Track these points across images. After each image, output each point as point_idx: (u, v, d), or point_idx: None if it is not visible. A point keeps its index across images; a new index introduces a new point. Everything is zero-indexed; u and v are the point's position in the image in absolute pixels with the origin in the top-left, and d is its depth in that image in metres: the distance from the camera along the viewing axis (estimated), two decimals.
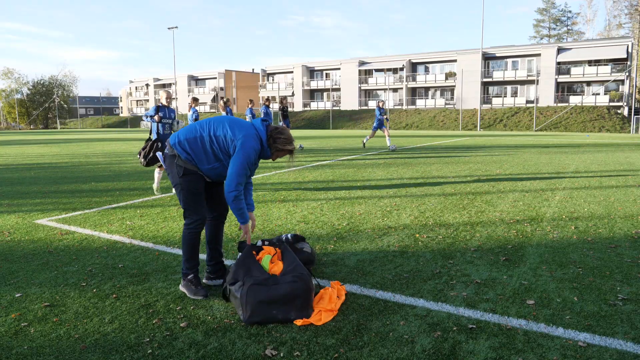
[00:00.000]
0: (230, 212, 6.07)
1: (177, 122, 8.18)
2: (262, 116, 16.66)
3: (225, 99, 13.94)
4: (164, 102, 7.93)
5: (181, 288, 3.52)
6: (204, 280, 3.73)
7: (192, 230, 3.47)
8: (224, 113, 14.03)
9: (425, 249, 4.59)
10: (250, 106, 15.13)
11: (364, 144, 18.54)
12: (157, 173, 7.88)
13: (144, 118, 8.00)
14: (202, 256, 4.32)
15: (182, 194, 3.42)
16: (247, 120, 14.39)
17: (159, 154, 3.64)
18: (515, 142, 22.16)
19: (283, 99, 17.22)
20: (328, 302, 3.18)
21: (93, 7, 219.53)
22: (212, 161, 3.40)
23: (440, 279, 3.78)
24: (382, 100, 18.06)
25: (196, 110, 14.43)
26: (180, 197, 3.45)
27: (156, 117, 7.71)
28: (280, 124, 17.31)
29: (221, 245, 3.76)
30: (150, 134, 7.81)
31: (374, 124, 17.66)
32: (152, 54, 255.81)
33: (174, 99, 74.73)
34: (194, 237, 3.48)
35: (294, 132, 39.46)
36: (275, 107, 54.13)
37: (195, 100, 12.90)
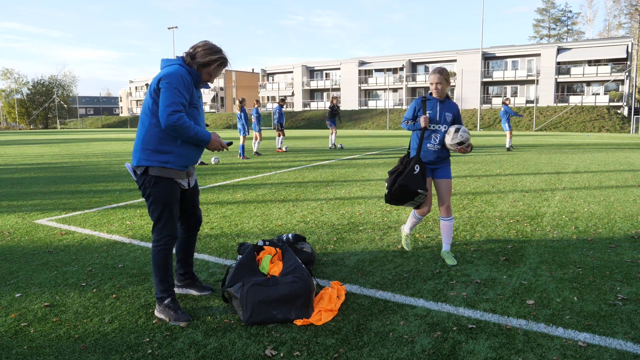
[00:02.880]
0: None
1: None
2: (276, 116, 17.13)
3: (240, 99, 14.01)
4: None
5: (157, 314, 3.11)
6: (175, 288, 3.45)
7: (162, 247, 3.10)
8: (239, 113, 14.08)
9: (425, 249, 4.59)
10: (256, 106, 15.18)
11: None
12: None
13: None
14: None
15: (154, 205, 3.06)
16: (254, 121, 14.18)
17: (127, 165, 3.22)
18: (515, 142, 22.15)
19: (334, 99, 17.61)
20: (328, 302, 3.17)
21: (93, 7, 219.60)
22: (172, 141, 3.03)
23: (440, 279, 3.78)
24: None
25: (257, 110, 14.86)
26: (152, 209, 3.08)
27: None
28: (328, 123, 17.81)
29: (192, 257, 3.50)
30: None
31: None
32: (152, 54, 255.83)
33: None
34: (163, 256, 3.11)
35: (297, 132, 39.47)
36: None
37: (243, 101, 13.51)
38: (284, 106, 16.82)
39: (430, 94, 4.22)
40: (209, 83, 3.20)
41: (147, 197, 3.09)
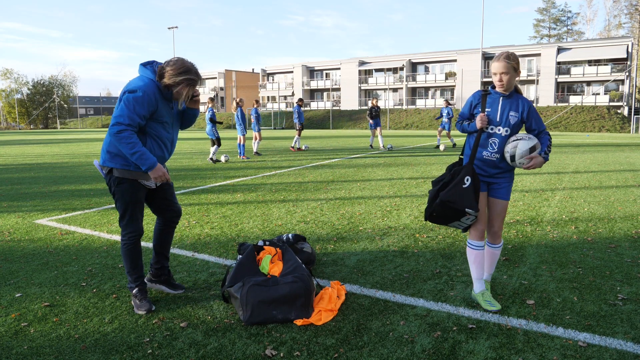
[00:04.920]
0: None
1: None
2: (296, 116, 17.44)
3: (238, 99, 14.01)
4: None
5: (132, 301, 3.34)
6: (145, 279, 3.47)
7: (127, 242, 3.24)
8: (235, 113, 14.08)
9: (425, 249, 4.59)
10: (255, 106, 15.19)
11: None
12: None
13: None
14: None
15: (119, 203, 3.19)
16: (253, 121, 14.41)
17: (95, 162, 3.28)
18: None
19: (374, 100, 17.83)
20: (328, 302, 3.18)
21: (92, 7, 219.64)
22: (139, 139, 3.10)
23: (440, 279, 3.77)
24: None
25: (256, 110, 15.01)
26: (117, 207, 3.22)
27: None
28: (371, 123, 18.09)
29: (168, 251, 3.55)
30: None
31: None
32: (152, 54, 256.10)
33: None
34: (130, 249, 3.24)
35: (302, 133, 39.42)
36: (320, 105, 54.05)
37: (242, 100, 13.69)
38: (302, 105, 17.27)
39: (493, 86, 3.28)
40: (182, 100, 3.18)
41: (112, 195, 3.22)
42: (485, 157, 3.23)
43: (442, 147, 17.01)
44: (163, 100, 3.10)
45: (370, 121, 18.12)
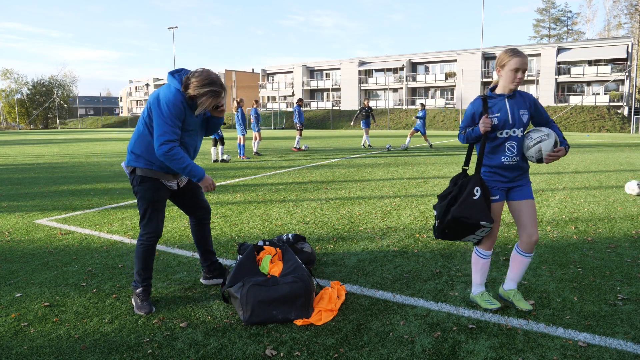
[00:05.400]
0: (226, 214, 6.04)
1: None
2: (296, 116, 17.56)
3: (238, 99, 14.02)
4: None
5: (132, 299, 3.37)
6: (201, 280, 3.70)
7: (144, 242, 3.26)
8: (236, 114, 14.09)
9: (425, 249, 4.59)
10: (255, 106, 15.19)
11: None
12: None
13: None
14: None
15: (140, 202, 3.24)
16: (252, 121, 14.58)
17: (122, 164, 3.39)
18: None
19: (366, 100, 18.27)
20: (328, 302, 3.18)
21: (92, 7, 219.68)
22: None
23: (440, 279, 3.77)
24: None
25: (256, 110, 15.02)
26: (138, 206, 3.27)
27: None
28: (363, 123, 18.33)
29: (211, 245, 3.68)
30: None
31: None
32: (152, 54, 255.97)
33: None
34: (145, 250, 3.27)
35: (302, 133, 39.39)
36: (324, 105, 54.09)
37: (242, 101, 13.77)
38: (302, 105, 17.55)
39: (492, 89, 3.12)
40: (205, 110, 3.20)
41: (135, 194, 3.28)
42: (505, 162, 3.05)
43: (402, 146, 17.53)
44: (189, 109, 3.17)
45: (359, 122, 18.48)
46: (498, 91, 3.08)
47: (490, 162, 3.09)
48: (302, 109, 17.24)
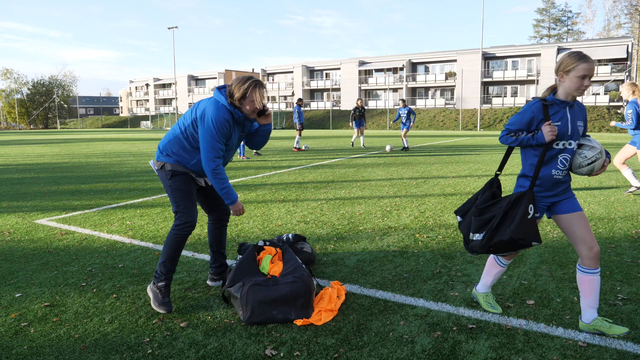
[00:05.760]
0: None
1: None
2: (296, 116, 17.61)
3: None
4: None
5: (148, 291, 3.33)
6: (208, 282, 3.72)
7: (180, 232, 3.28)
8: None
9: (425, 249, 4.59)
10: None
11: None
12: None
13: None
14: (202, 257, 4.31)
15: (173, 194, 3.29)
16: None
17: (151, 162, 3.49)
18: None
19: (359, 100, 18.18)
20: (328, 302, 3.18)
21: (92, 7, 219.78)
22: (196, 153, 3.27)
23: (440, 279, 3.77)
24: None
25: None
26: (172, 198, 3.32)
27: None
28: (355, 123, 18.42)
29: (224, 248, 3.74)
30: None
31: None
32: (152, 54, 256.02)
33: (173, 99, 74.86)
34: (180, 239, 3.29)
35: (302, 133, 39.41)
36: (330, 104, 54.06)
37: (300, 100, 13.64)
38: (302, 105, 17.59)
39: (554, 93, 2.87)
40: (257, 107, 3.22)
41: (167, 189, 3.33)
42: (555, 176, 2.82)
43: (387, 148, 17.06)
44: (235, 124, 3.26)
45: (351, 122, 18.49)
46: (560, 97, 2.83)
47: (539, 175, 2.84)
48: (302, 108, 17.22)
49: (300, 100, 17.51)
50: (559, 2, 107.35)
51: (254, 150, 15.46)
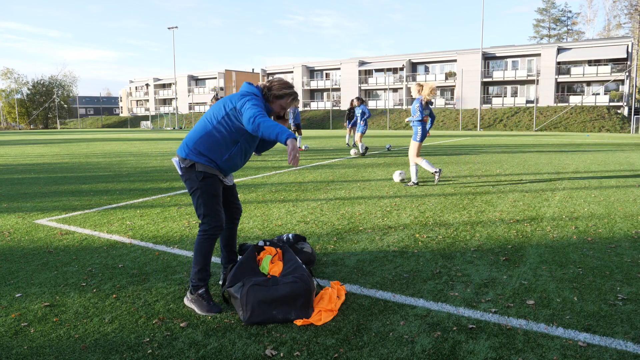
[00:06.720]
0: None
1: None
2: (291, 116, 17.24)
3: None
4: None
5: (188, 303, 3.27)
6: (220, 282, 3.71)
7: (210, 236, 3.26)
8: None
9: (425, 249, 4.59)
10: None
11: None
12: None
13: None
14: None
15: (202, 198, 3.23)
16: None
17: (174, 160, 3.40)
18: (515, 142, 22.15)
19: (353, 100, 17.31)
20: (328, 302, 3.18)
21: (91, 7, 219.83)
22: (230, 146, 3.22)
23: (440, 279, 3.77)
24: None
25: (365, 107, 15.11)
26: (200, 202, 3.24)
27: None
28: (348, 123, 17.94)
29: (235, 245, 3.74)
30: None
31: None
32: (152, 54, 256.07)
33: (173, 99, 74.82)
34: (210, 243, 3.27)
35: (302, 133, 39.33)
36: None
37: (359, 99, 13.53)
38: (297, 106, 17.28)
39: None
40: (281, 112, 3.36)
41: (194, 191, 3.26)
42: None
43: (352, 152, 15.48)
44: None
45: (345, 122, 18.34)
46: None
47: None
48: (298, 109, 16.91)
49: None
50: (559, 2, 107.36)
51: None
